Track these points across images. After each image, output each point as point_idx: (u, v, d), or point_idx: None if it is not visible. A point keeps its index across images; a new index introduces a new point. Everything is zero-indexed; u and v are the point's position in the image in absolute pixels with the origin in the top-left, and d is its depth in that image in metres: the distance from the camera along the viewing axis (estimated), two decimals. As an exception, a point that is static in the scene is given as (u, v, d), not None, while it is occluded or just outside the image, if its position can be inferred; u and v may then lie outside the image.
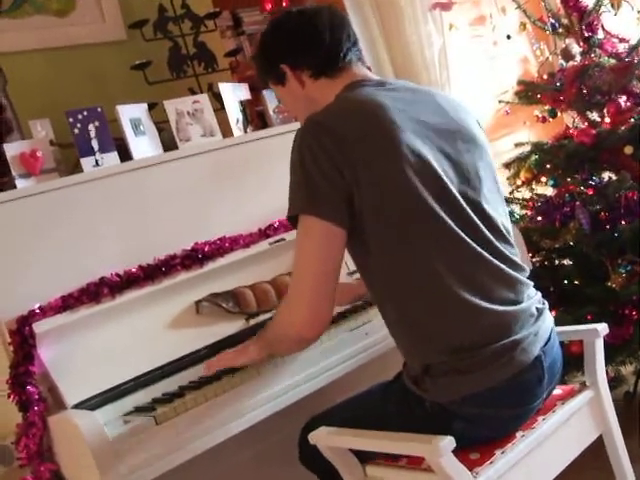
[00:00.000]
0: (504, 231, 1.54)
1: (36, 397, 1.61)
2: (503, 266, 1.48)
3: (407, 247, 1.43)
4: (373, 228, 1.43)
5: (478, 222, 1.47)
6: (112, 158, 1.98)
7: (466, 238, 1.43)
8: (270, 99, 2.40)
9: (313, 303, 1.43)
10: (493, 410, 1.45)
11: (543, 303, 1.57)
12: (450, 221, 1.42)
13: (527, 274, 1.56)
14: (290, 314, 1.48)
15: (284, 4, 2.86)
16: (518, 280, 1.51)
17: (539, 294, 1.58)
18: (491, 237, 1.48)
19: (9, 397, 1.63)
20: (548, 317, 1.56)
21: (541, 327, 1.50)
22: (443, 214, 1.42)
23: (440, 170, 1.44)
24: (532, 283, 1.57)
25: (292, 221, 1.47)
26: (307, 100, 1.59)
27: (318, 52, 1.57)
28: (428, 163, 1.43)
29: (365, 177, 1.39)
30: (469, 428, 1.44)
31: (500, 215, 1.55)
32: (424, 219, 1.41)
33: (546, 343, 1.50)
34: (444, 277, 1.42)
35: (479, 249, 1.45)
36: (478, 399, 1.42)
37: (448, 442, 1.30)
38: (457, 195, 1.45)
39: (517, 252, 1.57)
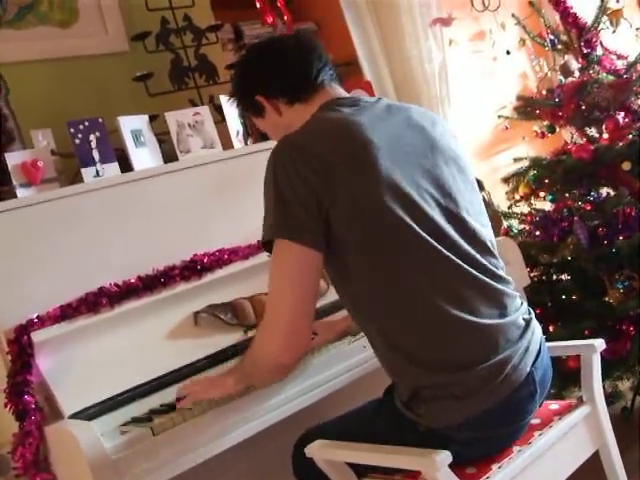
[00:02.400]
0: (488, 244, 1.51)
1: (33, 406, 1.61)
2: (487, 279, 1.46)
3: (388, 268, 1.41)
4: (352, 251, 1.40)
5: (458, 237, 1.45)
6: (113, 169, 1.99)
7: (447, 253, 1.41)
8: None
9: (289, 329, 1.41)
10: (489, 432, 1.44)
11: (529, 313, 1.55)
12: (430, 238, 1.40)
13: (512, 286, 1.54)
14: (267, 341, 1.45)
15: (285, 17, 2.88)
16: (503, 293, 1.49)
17: (525, 304, 1.56)
18: (473, 251, 1.46)
19: (6, 406, 1.63)
20: (537, 328, 1.54)
21: (531, 341, 1.48)
22: (422, 232, 1.39)
23: (418, 187, 1.43)
24: (518, 294, 1.55)
25: (267, 246, 1.45)
26: (286, 127, 1.55)
27: (288, 78, 1.56)
28: (405, 180, 1.41)
29: (342, 199, 1.37)
30: (465, 450, 1.42)
31: (483, 227, 1.53)
32: (403, 238, 1.39)
33: (536, 357, 1.48)
34: (428, 294, 1.40)
35: (461, 264, 1.43)
36: (474, 423, 1.40)
37: (445, 456, 1.30)
38: (437, 211, 1.43)
39: (502, 265, 1.54)
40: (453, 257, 1.42)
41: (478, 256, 1.47)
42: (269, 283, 1.43)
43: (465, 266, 1.43)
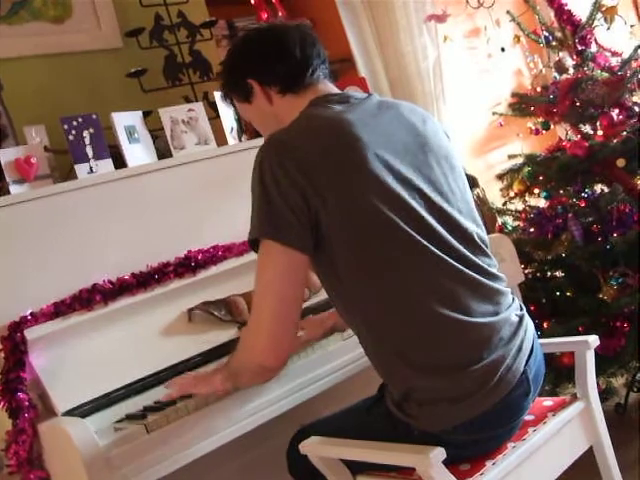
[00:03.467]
0: (479, 242, 1.50)
1: (26, 404, 1.61)
2: (480, 277, 1.45)
3: (378, 268, 1.39)
4: (342, 251, 1.38)
5: (449, 236, 1.43)
6: (106, 165, 1.98)
7: (438, 252, 1.40)
8: (233, 110, 2.39)
9: (273, 331, 1.38)
10: (485, 433, 1.44)
11: (521, 309, 1.54)
12: (420, 238, 1.39)
13: (505, 283, 1.53)
14: (250, 343, 1.43)
15: (280, 13, 2.87)
16: (496, 290, 1.48)
17: (517, 301, 1.55)
18: (464, 249, 1.44)
19: (-1, 404, 1.63)
20: (529, 325, 1.53)
21: (524, 339, 1.47)
22: (412, 231, 1.38)
23: (409, 186, 1.41)
24: (509, 290, 1.54)
25: (253, 245, 1.42)
26: (274, 117, 1.54)
27: (287, 68, 1.54)
28: (395, 178, 1.40)
29: (331, 198, 1.35)
30: (460, 452, 1.42)
31: (474, 226, 1.51)
32: (394, 238, 1.38)
33: (529, 356, 1.47)
34: (419, 294, 1.38)
35: (453, 262, 1.41)
36: (469, 426, 1.40)
37: (438, 453, 1.30)
38: (428, 210, 1.42)
39: (494, 262, 1.53)
40: (444, 256, 1.41)
41: (470, 254, 1.46)
42: (255, 284, 1.41)
43: (457, 265, 1.42)
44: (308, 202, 1.35)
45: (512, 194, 2.86)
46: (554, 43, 2.87)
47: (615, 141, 2.61)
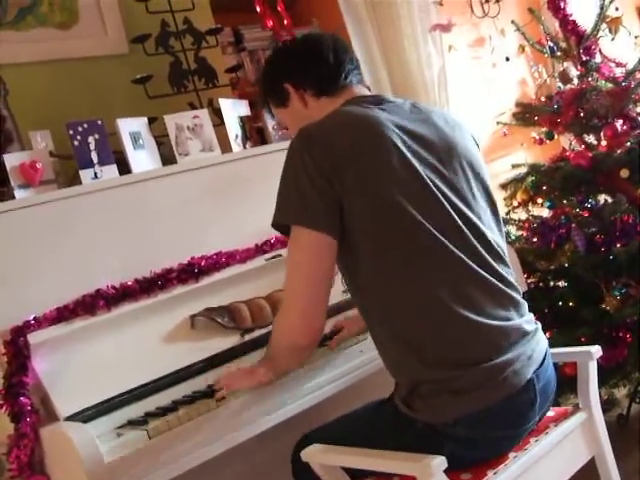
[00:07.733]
0: (497, 249, 1.53)
1: (29, 408, 1.61)
2: (495, 281, 1.48)
3: (396, 263, 1.44)
4: (362, 241, 1.44)
5: (471, 237, 1.47)
6: (111, 171, 1.99)
7: (458, 253, 1.44)
8: (270, 116, 2.41)
9: (304, 311, 1.46)
10: (485, 432, 1.45)
11: (536, 324, 1.57)
12: (439, 235, 1.43)
13: (521, 295, 1.56)
14: (283, 323, 1.52)
15: (285, 22, 2.88)
16: (510, 297, 1.51)
17: (532, 315, 1.58)
18: (484, 253, 1.49)
19: (1, 408, 1.62)
20: (542, 339, 1.56)
21: (535, 350, 1.49)
22: (430, 227, 1.42)
23: (432, 186, 1.46)
24: (526, 304, 1.57)
25: (278, 228, 1.51)
26: (308, 119, 1.60)
27: (321, 71, 1.63)
28: (419, 179, 1.45)
29: (354, 188, 1.41)
30: (461, 450, 1.43)
31: (493, 233, 1.55)
32: (411, 233, 1.43)
33: (540, 366, 1.49)
34: (435, 289, 1.42)
35: (470, 263, 1.45)
36: (470, 420, 1.42)
37: (440, 461, 1.30)
38: (449, 210, 1.46)
39: (511, 271, 1.57)
40: (462, 255, 1.44)
41: (488, 258, 1.49)
42: (286, 267, 1.48)
43: (473, 265, 1.46)
44: (334, 187, 1.41)
45: (515, 203, 2.86)
46: (558, 53, 2.88)
47: (619, 152, 2.62)
